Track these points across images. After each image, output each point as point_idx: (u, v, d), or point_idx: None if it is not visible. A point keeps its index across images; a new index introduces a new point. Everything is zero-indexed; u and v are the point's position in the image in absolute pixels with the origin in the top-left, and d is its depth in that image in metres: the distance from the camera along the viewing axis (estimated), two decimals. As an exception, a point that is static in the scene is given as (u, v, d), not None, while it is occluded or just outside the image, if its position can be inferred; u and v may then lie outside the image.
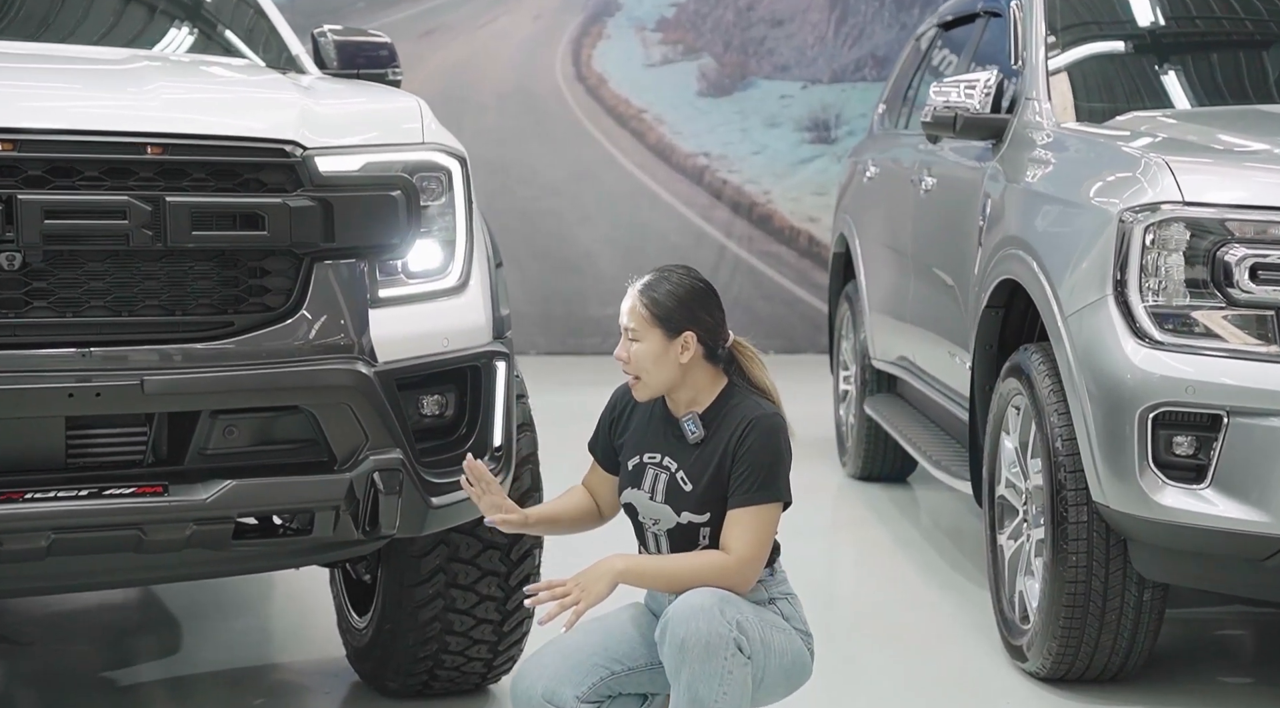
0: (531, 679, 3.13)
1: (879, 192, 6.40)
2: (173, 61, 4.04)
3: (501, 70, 10.85)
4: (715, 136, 10.98)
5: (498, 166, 10.70)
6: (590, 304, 10.62)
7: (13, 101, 3.18)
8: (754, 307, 10.88)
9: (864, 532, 6.03)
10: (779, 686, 3.19)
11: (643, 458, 3.20)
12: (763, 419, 3.15)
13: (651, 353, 3.13)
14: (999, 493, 4.46)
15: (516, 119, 10.75)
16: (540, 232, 10.75)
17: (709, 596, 3.03)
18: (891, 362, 6.12)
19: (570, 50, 10.92)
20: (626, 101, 10.94)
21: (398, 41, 11.15)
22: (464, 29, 10.91)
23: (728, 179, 10.96)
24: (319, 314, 3.27)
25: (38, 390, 3.03)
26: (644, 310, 3.14)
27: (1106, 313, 3.82)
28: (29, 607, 4.83)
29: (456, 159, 3.57)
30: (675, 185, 10.90)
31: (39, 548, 3.05)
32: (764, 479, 3.11)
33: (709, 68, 11.03)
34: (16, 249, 3.04)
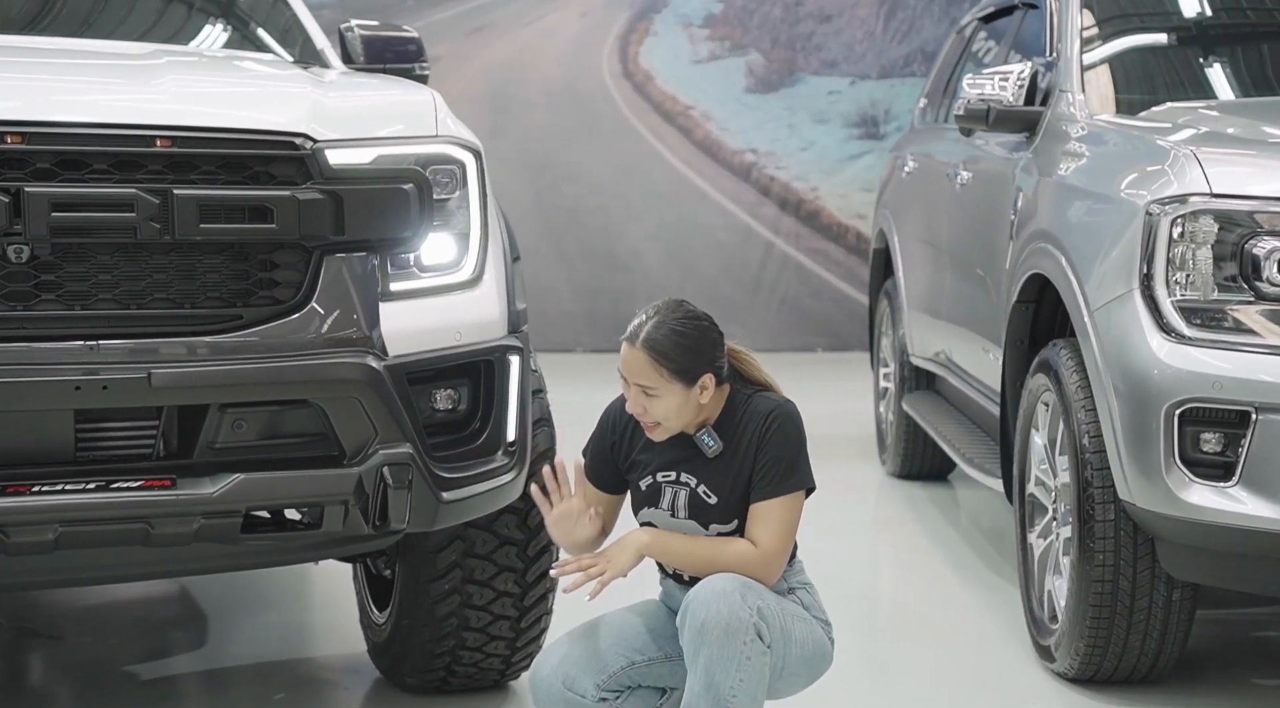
0: (552, 667, 3.12)
1: (917, 186, 6.33)
2: (192, 56, 4.04)
3: (549, 68, 10.84)
4: (763, 133, 10.93)
5: (545, 164, 10.70)
6: (637, 301, 10.45)
7: (22, 94, 3.19)
8: (801, 304, 10.82)
9: (900, 530, 5.97)
10: (800, 675, 3.16)
11: (657, 477, 3.16)
12: (783, 408, 3.13)
13: (674, 405, 3.07)
14: (1029, 491, 4.39)
15: (563, 117, 10.74)
16: (587, 229, 10.73)
17: (731, 581, 3.00)
18: (929, 358, 6.06)
19: (617, 47, 10.90)
20: (673, 98, 10.90)
21: (445, 40, 11.20)
22: (511, 27, 10.91)
23: (775, 175, 10.90)
24: (329, 307, 3.25)
25: (45, 384, 3.03)
26: (659, 368, 3.05)
27: (1133, 307, 3.74)
28: (59, 601, 4.86)
29: (471, 152, 3.53)
30: (722, 182, 10.86)
31: (46, 541, 3.05)
32: (787, 469, 3.08)
33: (756, 64, 10.98)
34: (24, 242, 3.04)
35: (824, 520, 5.94)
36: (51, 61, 3.67)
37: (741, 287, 10.78)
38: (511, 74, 10.80)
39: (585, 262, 10.63)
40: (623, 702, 3.14)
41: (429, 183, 3.38)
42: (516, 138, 10.69)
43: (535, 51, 10.85)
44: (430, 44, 10.94)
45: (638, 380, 3.07)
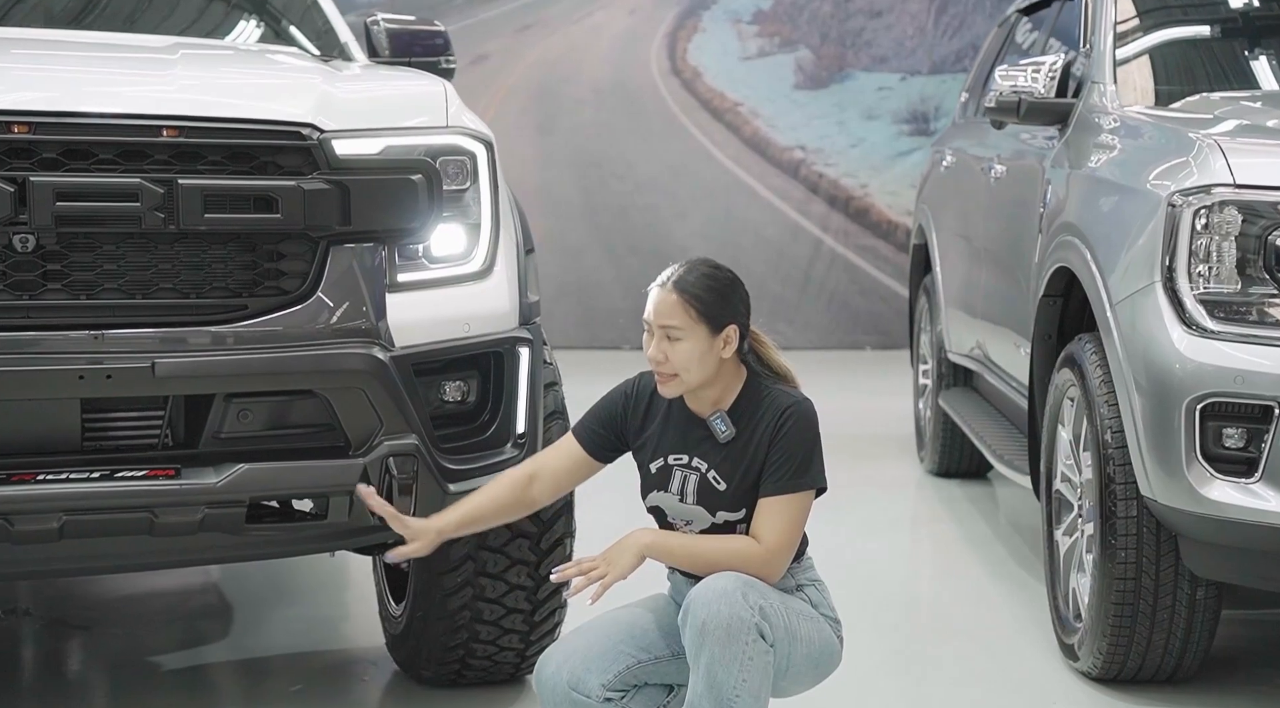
0: (556, 666, 3.09)
1: (954, 181, 6.27)
2: (209, 49, 4.05)
3: (597, 65, 10.83)
4: (812, 129, 10.87)
5: (593, 161, 10.70)
6: (684, 299, 10.57)
7: (30, 85, 3.21)
8: (850, 301, 10.76)
9: (934, 528, 5.92)
10: (806, 674, 3.12)
11: (668, 460, 3.13)
12: (800, 406, 3.09)
13: (697, 352, 3.02)
14: (1055, 487, 4.33)
15: (612, 113, 10.73)
16: (635, 226, 10.71)
17: (732, 580, 2.97)
18: (966, 354, 6.00)
19: (666, 44, 10.87)
20: (722, 95, 10.86)
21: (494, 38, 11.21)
22: (560, 24, 10.91)
23: (824, 172, 10.84)
24: (335, 298, 3.25)
25: (49, 372, 3.05)
26: (689, 307, 3.02)
27: (1154, 300, 3.68)
28: (91, 592, 4.90)
29: (482, 143, 3.52)
30: (771, 179, 10.81)
31: (51, 530, 3.06)
32: (799, 467, 3.04)
33: (806, 60, 10.92)
34: (30, 231, 3.06)
35: (858, 518, 5.91)
36: (62, 53, 3.69)
37: (790, 284, 10.73)
38: (560, 71, 10.80)
39: (633, 259, 10.61)
40: (629, 701, 3.10)
41: (438, 174, 3.38)
42: (565, 135, 10.70)
43: (583, 49, 10.85)
44: (479, 42, 11.05)
45: (664, 322, 3.02)
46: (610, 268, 10.60)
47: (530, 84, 10.77)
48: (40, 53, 3.66)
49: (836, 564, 5.18)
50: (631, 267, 10.56)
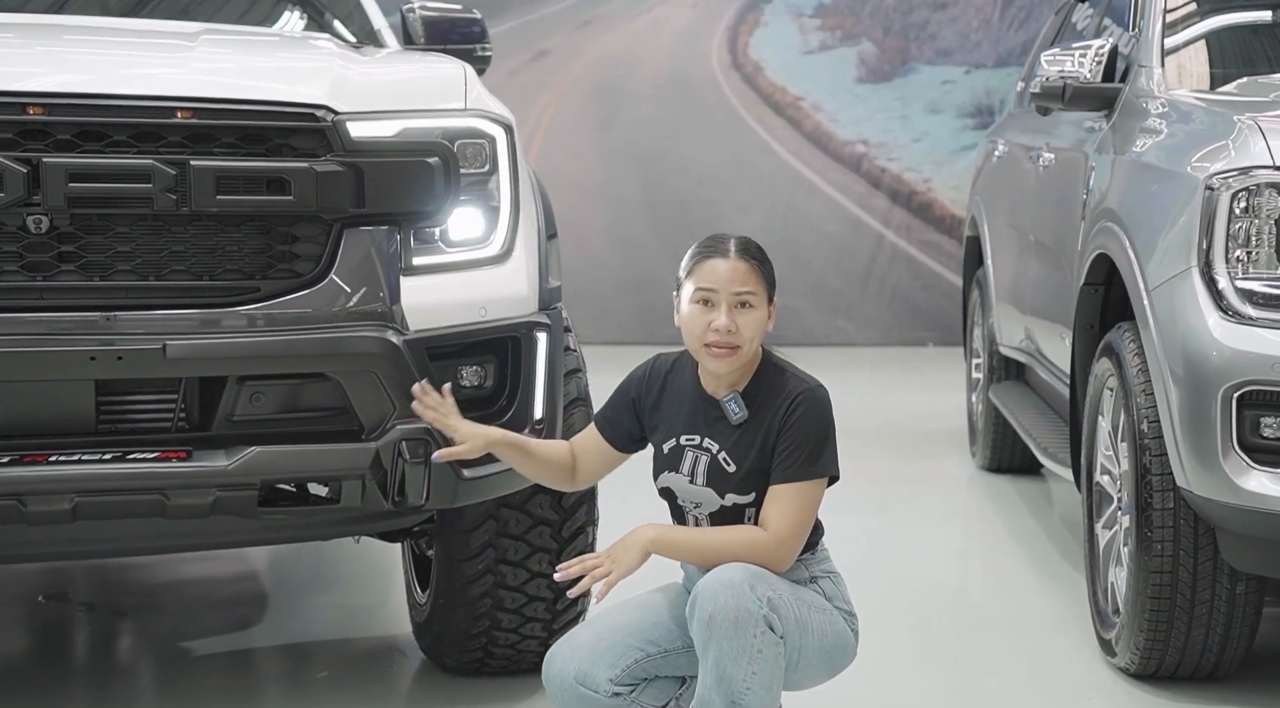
0: (563, 661, 3.04)
1: (1005, 171, 6.17)
2: (234, 34, 4.05)
3: (658, 59, 10.79)
4: (874, 123, 10.76)
5: (653, 156, 10.65)
6: (744, 294, 10.51)
7: (45, 67, 3.22)
8: (912, 297, 10.64)
9: (981, 524, 5.83)
10: (819, 668, 3.06)
11: (680, 441, 3.08)
12: (812, 392, 3.01)
13: (761, 320, 2.99)
14: (1096, 479, 4.24)
15: (672, 108, 10.68)
16: (695, 221, 10.63)
17: (739, 571, 2.91)
18: (1016, 347, 5.89)
19: (727, 38, 10.81)
20: (783, 89, 10.78)
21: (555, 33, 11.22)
22: (621, 18, 10.88)
23: (886, 167, 10.73)
24: (348, 281, 3.24)
25: (60, 354, 3.05)
26: (762, 274, 2.99)
27: (1190, 286, 3.59)
28: (129, 578, 4.92)
29: (501, 126, 3.49)
30: (832, 174, 10.72)
31: (63, 511, 3.06)
32: (810, 455, 2.98)
33: (868, 53, 10.82)
34: (43, 213, 3.06)
35: (905, 512, 5.84)
36: (80, 37, 3.70)
37: (851, 280, 10.64)
38: (621, 66, 10.77)
39: (693, 254, 10.55)
40: (638, 695, 3.04)
41: (455, 157, 3.35)
42: (625, 130, 10.67)
43: (644, 43, 10.81)
44: (540, 38, 11.04)
45: (740, 288, 2.96)
46: (670, 263, 10.36)
47: (590, 80, 10.75)
48: (57, 36, 3.67)
49: (878, 558, 5.17)
50: (691, 262, 10.50)
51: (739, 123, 10.72)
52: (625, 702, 3.02)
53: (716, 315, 2.96)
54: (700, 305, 2.99)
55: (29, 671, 4.20)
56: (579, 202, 10.47)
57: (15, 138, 3.05)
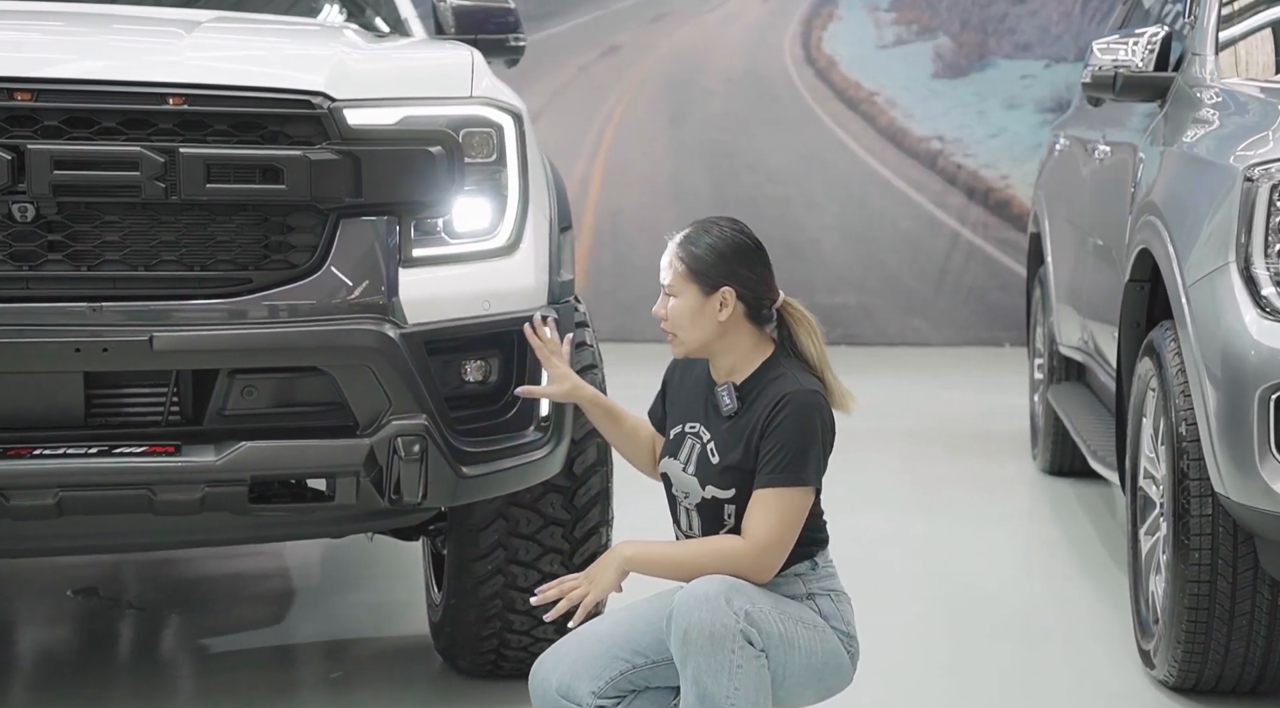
0: (546, 672, 2.94)
1: (1065, 166, 5.98)
2: (239, 20, 3.98)
3: (729, 55, 10.65)
4: (950, 119, 10.54)
5: (724, 152, 10.51)
6: (817, 292, 10.32)
7: (33, 51, 3.17)
8: (989, 296, 10.41)
9: (1035, 528, 5.65)
10: (806, 686, 2.91)
11: (684, 427, 3.00)
12: (799, 395, 2.88)
13: (688, 309, 2.91)
14: (1140, 483, 4.07)
15: (744, 104, 10.54)
16: (766, 218, 10.47)
17: (715, 584, 2.79)
18: (1075, 347, 5.71)
19: (800, 33, 10.65)
20: (857, 84, 10.60)
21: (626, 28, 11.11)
22: (693, 13, 10.75)
23: (963, 163, 10.51)
24: (344, 272, 3.16)
25: (45, 345, 3.00)
26: (680, 265, 2.93)
27: (1228, 282, 3.41)
28: (159, 573, 4.90)
29: (510, 115, 3.39)
30: (907, 170, 10.51)
31: (47, 506, 3.01)
32: (791, 460, 2.85)
33: (945, 48, 10.60)
34: (29, 200, 3.01)
35: (957, 514, 5.68)
36: (76, 23, 3.66)
37: (925, 278, 10.43)
38: (692, 62, 10.64)
39: (764, 251, 10.41)
40: (627, 706, 2.93)
41: (459, 145, 3.26)
42: (696, 126, 10.54)
43: (716, 38, 10.67)
44: (611, 33, 10.95)
45: (663, 278, 2.95)
46: (739, 261, 10.41)
47: (661, 75, 10.64)
48: (51, 22, 3.63)
49: (922, 560, 5.03)
50: (761, 260, 10.37)
51: (812, 119, 10.55)
52: None
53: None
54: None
55: (55, 664, 4.19)
56: (648, 198, 10.37)
57: (2, 124, 3.01)
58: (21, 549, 3.56)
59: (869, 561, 4.82)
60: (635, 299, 9.56)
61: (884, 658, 3.91)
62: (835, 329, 10.66)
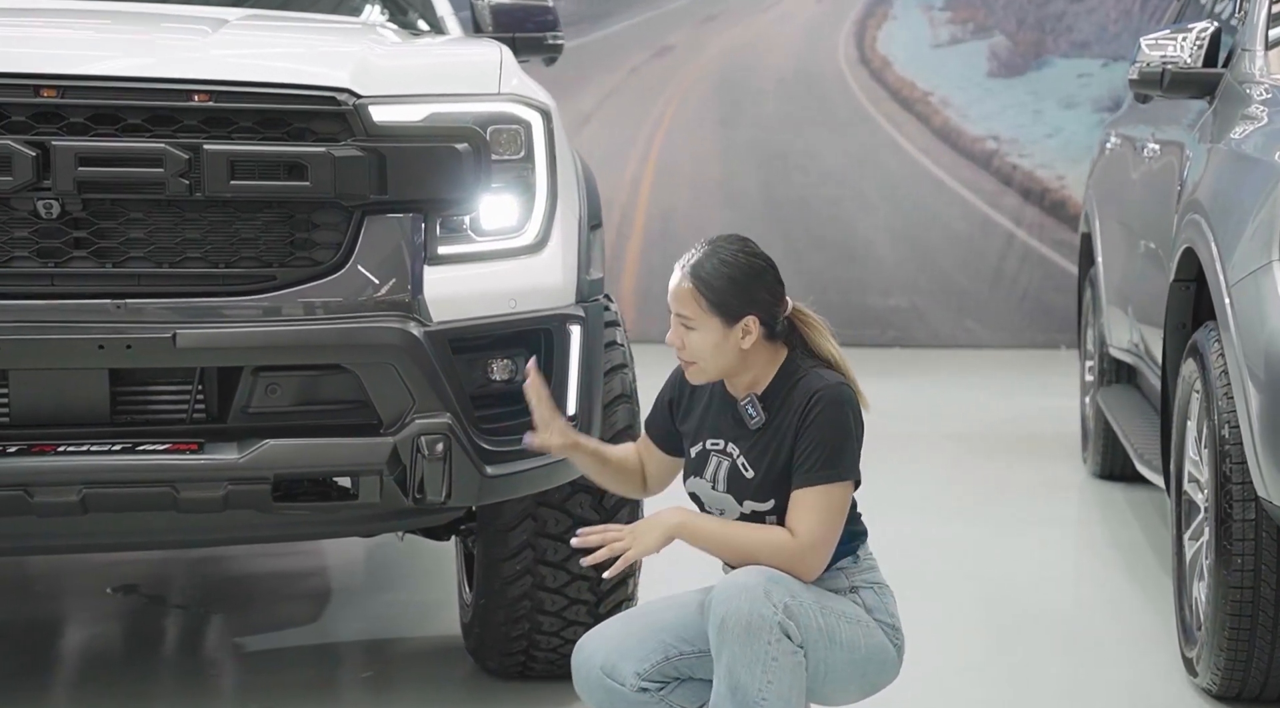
0: (591, 651, 2.92)
1: (1115, 165, 5.89)
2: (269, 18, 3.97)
3: (782, 55, 10.58)
4: (1006, 119, 10.43)
5: (776, 153, 10.45)
6: (869, 294, 10.26)
7: (59, 48, 3.17)
8: (1044, 298, 10.28)
9: (1081, 532, 5.57)
10: (850, 682, 2.88)
11: (705, 444, 2.95)
12: (829, 391, 2.85)
13: (710, 342, 2.85)
14: (1184, 487, 3.98)
15: (796, 104, 10.47)
16: (818, 219, 10.43)
17: (756, 575, 2.76)
18: (1125, 349, 5.61)
19: (854, 32, 10.57)
20: (912, 84, 10.50)
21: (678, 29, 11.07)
22: (746, 13, 10.69)
23: (1018, 164, 10.40)
24: (369, 270, 3.14)
25: (68, 341, 3.00)
26: (699, 298, 2.84)
27: (1271, 280, 3.33)
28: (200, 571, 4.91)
29: (538, 112, 3.36)
30: (961, 171, 10.41)
31: (71, 502, 3.01)
32: (829, 456, 2.81)
33: (1001, 47, 10.49)
34: (54, 197, 3.01)
35: (1003, 518, 5.60)
36: (104, 20, 3.66)
37: (980, 280, 10.32)
38: (744, 62, 10.58)
39: (816, 253, 10.33)
40: (669, 693, 2.91)
41: (486, 143, 3.24)
42: (747, 127, 10.48)
43: (769, 38, 10.61)
44: (663, 34, 10.92)
45: (678, 310, 2.86)
46: (791, 262, 10.31)
47: (713, 75, 10.59)
48: (79, 20, 3.63)
49: (966, 564, 4.96)
50: (814, 261, 10.29)
51: (865, 119, 10.47)
52: (653, 699, 2.89)
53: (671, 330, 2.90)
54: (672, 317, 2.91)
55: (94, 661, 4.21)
56: (699, 199, 10.33)
57: (28, 121, 3.01)
58: (48, 546, 3.56)
59: (911, 563, 4.75)
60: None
61: (923, 663, 3.84)
62: (887, 331, 10.57)
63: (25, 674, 3.94)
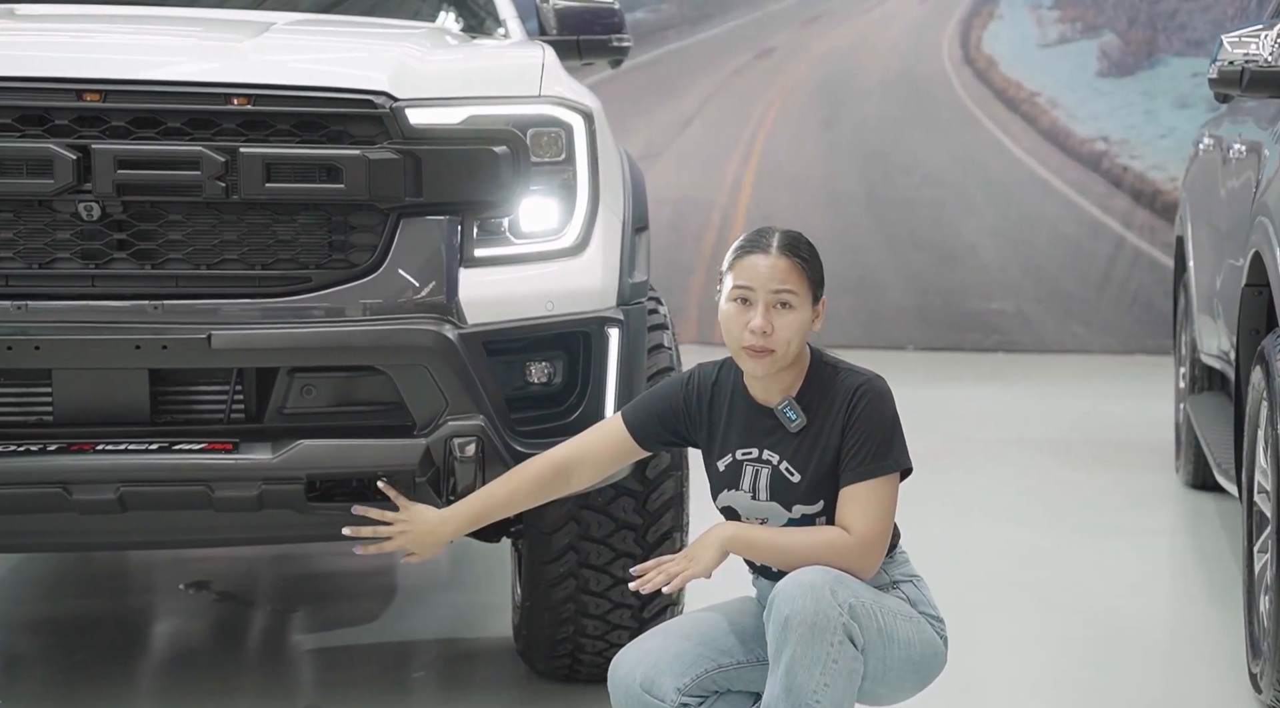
0: (630, 666, 2.90)
1: (1206, 166, 5.74)
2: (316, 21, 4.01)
3: (885, 55, 10.48)
4: (1116, 119, 10.22)
5: (878, 154, 10.35)
6: (972, 298, 10.12)
7: (103, 53, 3.22)
8: (1155, 303, 10.04)
9: (1165, 543, 5.43)
10: (907, 679, 2.86)
11: (736, 456, 2.91)
12: (871, 384, 2.85)
13: (805, 322, 2.84)
14: (1254, 498, 3.86)
15: (899, 105, 10.36)
16: (921, 221, 10.31)
17: (821, 574, 2.74)
18: (1215, 355, 5.46)
19: (959, 32, 10.43)
20: (1018, 84, 10.34)
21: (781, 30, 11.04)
22: (849, 14, 10.61)
23: (1129, 165, 10.19)
24: (403, 272, 3.14)
25: (106, 342, 3.04)
26: (805, 273, 2.84)
27: (1332, 285, 3.22)
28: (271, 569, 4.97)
29: (580, 114, 3.35)
30: (1069, 172, 10.23)
31: (109, 500, 3.05)
32: (879, 448, 2.81)
33: (1111, 46, 10.29)
34: (94, 199, 3.06)
35: (1085, 528, 5.49)
36: (146, 25, 3.71)
37: (1088, 284, 10.12)
38: (846, 63, 10.50)
39: (918, 256, 10.21)
40: (710, 707, 2.90)
41: (525, 145, 3.23)
42: (849, 128, 10.39)
43: (872, 39, 10.52)
44: (766, 35, 10.88)
45: (779, 285, 2.81)
46: (893, 264, 10.23)
47: (815, 77, 10.52)
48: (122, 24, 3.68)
49: (1040, 573, 4.85)
50: (916, 263, 10.17)
51: (970, 120, 10.33)
52: None
53: (753, 315, 2.80)
54: (738, 304, 2.85)
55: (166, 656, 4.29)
56: (800, 200, 10.26)
57: (70, 124, 3.06)
58: (91, 543, 3.62)
59: (982, 571, 4.69)
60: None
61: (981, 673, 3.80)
62: (991, 336, 10.41)
63: (100, 667, 4.02)
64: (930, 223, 10.29)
